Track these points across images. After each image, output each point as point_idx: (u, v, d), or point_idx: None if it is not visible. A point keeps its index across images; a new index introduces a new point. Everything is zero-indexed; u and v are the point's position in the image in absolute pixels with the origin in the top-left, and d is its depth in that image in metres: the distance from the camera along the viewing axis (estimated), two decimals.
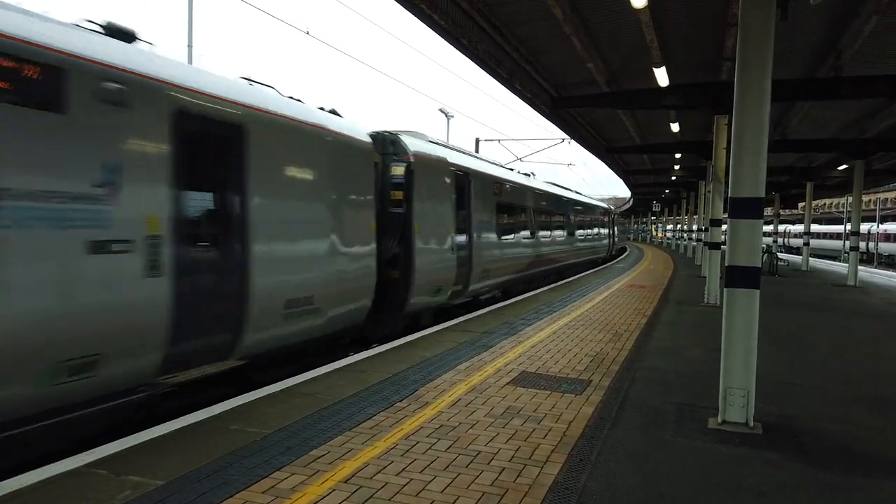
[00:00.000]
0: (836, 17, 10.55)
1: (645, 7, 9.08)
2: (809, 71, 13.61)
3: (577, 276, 20.88)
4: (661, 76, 12.66)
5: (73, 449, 4.36)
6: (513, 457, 4.34)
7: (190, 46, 17.04)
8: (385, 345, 8.10)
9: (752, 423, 5.09)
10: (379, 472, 4.03)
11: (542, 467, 4.17)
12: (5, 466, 4.21)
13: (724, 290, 5.23)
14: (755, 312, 5.12)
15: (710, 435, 4.93)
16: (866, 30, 10.68)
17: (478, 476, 4.00)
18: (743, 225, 5.13)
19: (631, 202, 62.45)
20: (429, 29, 9.75)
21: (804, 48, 12.08)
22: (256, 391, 5.76)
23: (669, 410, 5.54)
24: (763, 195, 5.05)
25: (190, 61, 15.66)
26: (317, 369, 6.70)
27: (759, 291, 5.11)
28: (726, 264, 5.23)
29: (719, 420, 5.18)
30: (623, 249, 46.74)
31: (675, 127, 18.96)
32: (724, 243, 19.82)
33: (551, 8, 9.58)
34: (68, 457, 4.11)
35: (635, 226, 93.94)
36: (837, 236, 54.44)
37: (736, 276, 5.16)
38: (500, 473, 4.05)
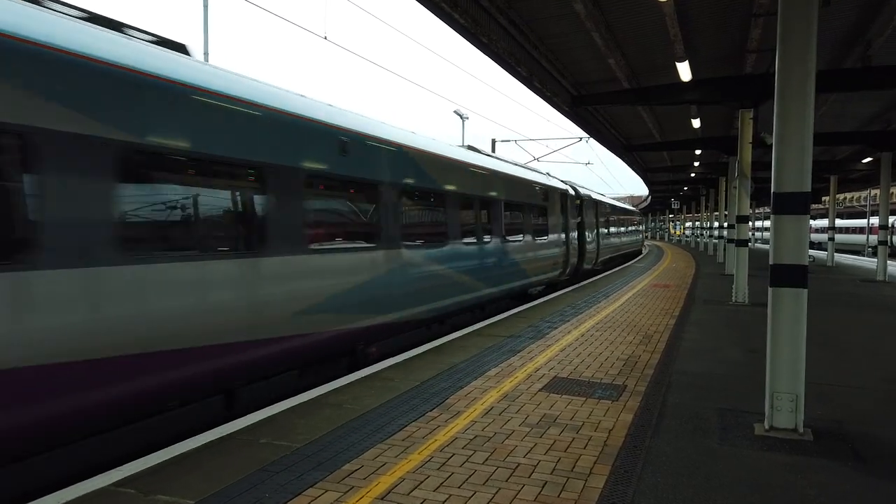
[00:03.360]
0: (865, 6, 10.25)
1: None
2: (835, 62, 13.29)
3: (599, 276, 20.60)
4: (684, 71, 12.40)
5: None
6: (554, 469, 4.15)
7: (206, 54, 16.99)
8: (409, 352, 7.93)
9: (801, 430, 4.85)
10: (416, 487, 3.85)
11: (586, 480, 3.97)
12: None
13: (769, 289, 4.99)
14: (803, 313, 4.87)
15: (759, 442, 4.70)
16: None
17: (520, 491, 3.81)
18: (788, 221, 4.90)
19: (649, 200, 61.88)
20: (446, 29, 9.66)
21: (830, 39, 11.77)
22: (283, 402, 5.62)
23: (712, 416, 5.31)
24: (809, 189, 4.81)
25: None
26: (342, 378, 6.55)
27: (806, 290, 4.87)
28: (770, 263, 5.00)
29: (766, 426, 4.94)
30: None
31: (696, 123, 18.66)
32: (750, 240, 19.50)
33: (573, 3, 9.38)
34: (95, 476, 3.98)
35: (653, 223, 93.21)
36: (861, 230, 53.48)
37: (781, 275, 4.92)
38: (543, 487, 3.86)
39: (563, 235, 17.23)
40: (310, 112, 6.78)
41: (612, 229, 27.54)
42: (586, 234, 20.46)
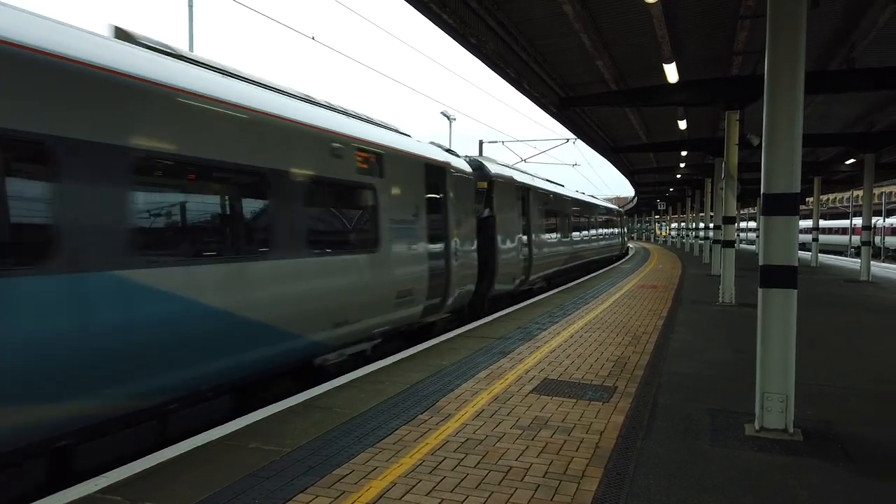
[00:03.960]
0: (850, 8, 10.35)
1: (657, 1, 8.88)
2: (820, 63, 13.40)
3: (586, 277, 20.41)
4: (671, 72, 12.46)
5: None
6: (546, 472, 4.12)
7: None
8: (399, 354, 7.89)
9: (791, 430, 4.86)
10: (407, 492, 3.81)
11: (579, 483, 3.94)
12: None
13: (759, 290, 5.00)
14: (792, 313, 4.89)
15: (749, 443, 4.71)
16: (881, 20, 10.47)
17: (512, 494, 3.78)
18: (777, 222, 4.91)
19: (635, 201, 62.22)
20: (433, 31, 9.66)
21: (816, 40, 11.87)
22: (272, 406, 5.55)
23: (702, 417, 5.31)
24: (798, 190, 4.83)
25: None
26: (332, 381, 6.49)
27: (796, 291, 4.88)
28: (760, 264, 5.01)
29: (757, 427, 4.95)
30: None
31: (682, 124, 18.76)
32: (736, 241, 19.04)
33: (562, 5, 9.38)
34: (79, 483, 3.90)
35: (639, 224, 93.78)
36: (843, 231, 54.11)
37: (771, 276, 4.94)
38: (536, 491, 3.83)
39: (441, 243, 10.20)
40: None
41: (564, 234, 19.79)
42: (502, 239, 13.25)
